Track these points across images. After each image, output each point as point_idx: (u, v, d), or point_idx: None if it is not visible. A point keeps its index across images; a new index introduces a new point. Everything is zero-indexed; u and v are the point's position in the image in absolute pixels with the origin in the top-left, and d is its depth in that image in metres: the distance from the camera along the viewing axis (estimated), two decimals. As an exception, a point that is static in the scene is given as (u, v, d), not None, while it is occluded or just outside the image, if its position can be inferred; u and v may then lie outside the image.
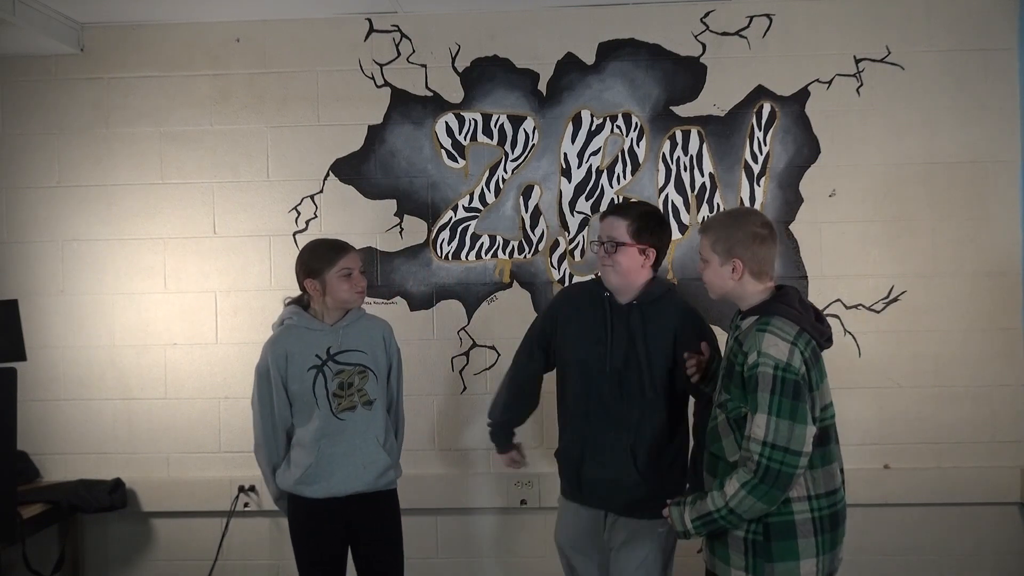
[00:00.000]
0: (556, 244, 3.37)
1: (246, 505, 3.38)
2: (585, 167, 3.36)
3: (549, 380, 2.78)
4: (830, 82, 3.30)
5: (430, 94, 3.38)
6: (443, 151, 3.38)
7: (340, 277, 2.66)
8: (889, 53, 3.29)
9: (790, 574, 2.15)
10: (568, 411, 2.67)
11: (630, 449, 2.53)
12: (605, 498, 2.61)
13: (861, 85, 3.30)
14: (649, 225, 2.53)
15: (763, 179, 3.32)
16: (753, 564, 2.18)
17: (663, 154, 3.34)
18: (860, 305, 3.30)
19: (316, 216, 3.40)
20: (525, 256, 3.37)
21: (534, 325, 2.81)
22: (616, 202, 3.29)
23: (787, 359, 2.10)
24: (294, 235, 3.40)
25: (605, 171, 3.36)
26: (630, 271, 2.53)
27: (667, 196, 3.34)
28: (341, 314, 2.72)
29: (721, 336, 2.64)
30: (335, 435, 2.66)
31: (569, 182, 3.36)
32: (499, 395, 2.85)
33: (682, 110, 3.33)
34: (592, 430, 2.59)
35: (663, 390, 2.54)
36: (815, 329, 2.21)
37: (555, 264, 3.37)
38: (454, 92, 3.38)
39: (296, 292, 2.79)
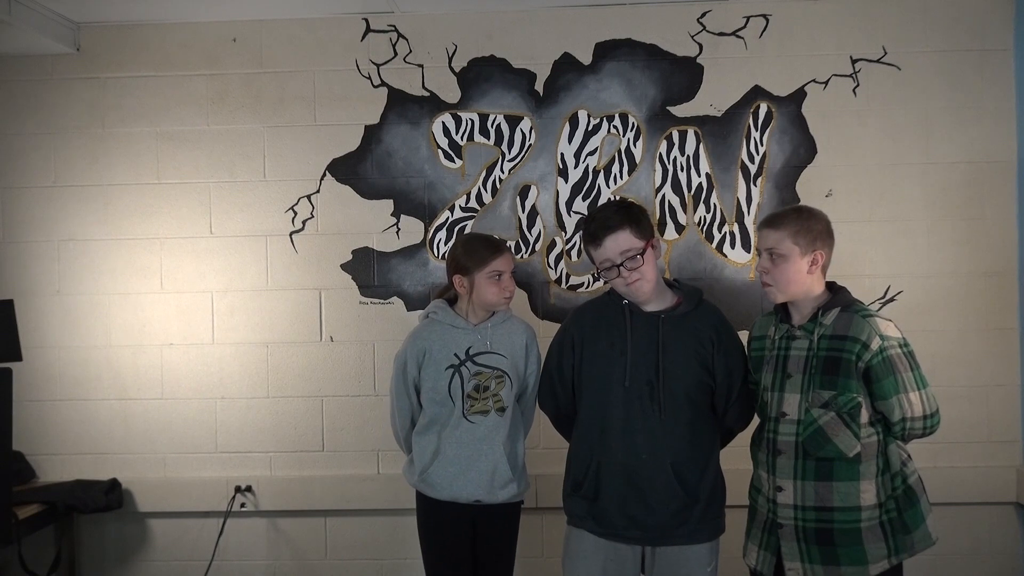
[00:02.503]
0: (553, 244, 3.37)
1: (243, 505, 3.38)
2: (582, 167, 3.36)
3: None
4: (826, 82, 3.31)
5: (427, 94, 3.38)
6: (440, 151, 3.38)
7: (489, 279, 2.58)
8: (885, 54, 3.30)
9: (925, 538, 2.22)
10: (586, 432, 2.46)
11: (671, 467, 2.35)
12: (647, 527, 2.36)
13: (857, 85, 3.30)
14: (637, 218, 2.37)
15: (760, 179, 3.33)
16: (894, 544, 2.20)
17: (660, 154, 3.34)
18: (856, 305, 3.31)
19: (313, 216, 3.40)
20: (522, 256, 3.37)
21: (548, 362, 2.59)
22: (586, 229, 2.46)
23: (902, 335, 2.22)
24: (290, 235, 3.40)
25: (602, 171, 3.36)
26: (655, 273, 2.39)
27: (664, 196, 3.34)
28: (487, 314, 2.66)
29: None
30: (462, 437, 2.60)
31: (566, 182, 3.36)
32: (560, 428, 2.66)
33: (679, 110, 3.34)
34: (621, 450, 2.37)
35: (700, 402, 2.40)
36: None
37: (552, 264, 3.37)
38: (451, 92, 3.38)
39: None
